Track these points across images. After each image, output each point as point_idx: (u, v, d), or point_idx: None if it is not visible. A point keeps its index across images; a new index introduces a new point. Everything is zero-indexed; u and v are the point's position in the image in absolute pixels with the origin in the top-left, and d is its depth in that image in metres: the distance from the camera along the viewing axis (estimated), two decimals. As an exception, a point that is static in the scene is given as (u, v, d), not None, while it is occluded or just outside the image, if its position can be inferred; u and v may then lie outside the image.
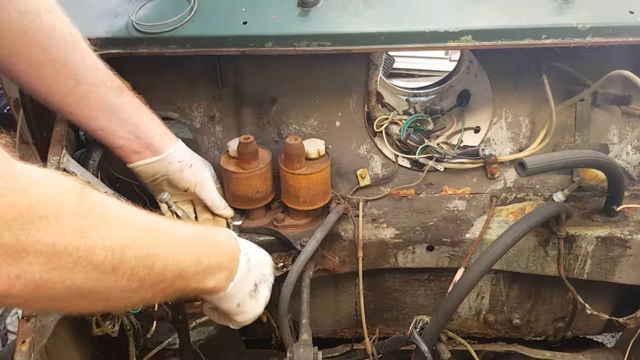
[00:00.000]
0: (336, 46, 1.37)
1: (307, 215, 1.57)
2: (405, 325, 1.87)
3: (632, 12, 1.36)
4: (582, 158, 1.35)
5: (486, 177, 1.64)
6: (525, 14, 1.38)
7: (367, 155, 1.65)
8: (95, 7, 1.48)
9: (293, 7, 1.42)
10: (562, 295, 1.79)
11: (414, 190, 1.63)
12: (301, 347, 1.25)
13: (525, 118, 1.64)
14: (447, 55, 4.65)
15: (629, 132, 1.63)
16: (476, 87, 1.75)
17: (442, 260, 1.65)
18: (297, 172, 1.47)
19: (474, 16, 1.38)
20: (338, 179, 1.66)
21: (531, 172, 1.25)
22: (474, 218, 1.61)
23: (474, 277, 1.36)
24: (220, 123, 1.64)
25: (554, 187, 1.64)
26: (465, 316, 1.88)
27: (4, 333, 2.77)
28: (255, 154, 1.49)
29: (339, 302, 1.86)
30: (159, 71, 1.56)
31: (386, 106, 1.79)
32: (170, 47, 1.39)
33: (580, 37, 1.35)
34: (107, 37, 1.39)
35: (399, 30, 1.37)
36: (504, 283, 1.78)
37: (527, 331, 1.92)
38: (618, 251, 1.56)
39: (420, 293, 1.83)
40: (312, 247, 1.44)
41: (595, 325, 1.90)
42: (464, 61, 1.93)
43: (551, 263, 1.60)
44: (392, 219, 1.61)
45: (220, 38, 1.38)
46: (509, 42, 1.36)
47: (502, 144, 1.66)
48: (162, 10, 1.43)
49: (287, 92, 1.62)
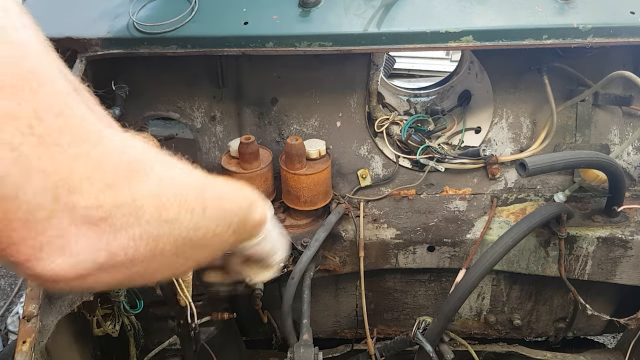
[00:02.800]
0: (337, 46, 1.37)
1: (308, 215, 1.57)
2: (406, 325, 1.88)
3: (633, 12, 1.36)
4: (583, 158, 1.35)
5: (487, 178, 1.64)
6: (526, 14, 1.38)
7: (367, 156, 1.65)
8: (96, 7, 1.48)
9: (294, 7, 1.42)
10: (563, 295, 1.79)
11: (415, 190, 1.63)
12: (302, 347, 1.25)
13: (526, 118, 1.64)
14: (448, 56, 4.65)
15: (630, 132, 1.63)
16: (477, 87, 1.74)
17: (442, 261, 1.65)
18: (298, 173, 1.47)
19: (475, 16, 1.38)
20: (339, 179, 1.66)
21: (532, 172, 1.25)
22: (475, 218, 1.61)
23: (476, 278, 1.36)
24: (221, 123, 1.64)
25: (554, 188, 1.64)
26: (466, 317, 1.88)
27: (4, 333, 2.77)
28: (256, 154, 1.49)
29: (339, 302, 1.86)
30: (160, 71, 1.56)
31: (387, 106, 1.79)
32: (171, 47, 1.39)
33: (581, 37, 1.35)
34: (108, 37, 1.39)
35: (400, 30, 1.37)
36: (505, 283, 1.78)
37: (527, 332, 1.91)
38: (619, 252, 1.56)
39: (420, 293, 1.83)
40: (314, 248, 1.44)
41: (596, 326, 1.89)
42: (464, 62, 1.92)
43: (552, 264, 1.59)
44: (393, 219, 1.61)
45: (221, 38, 1.38)
46: (510, 43, 1.36)
47: (503, 144, 1.65)
48: (163, 10, 1.43)
49: (288, 92, 1.62)
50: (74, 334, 1.40)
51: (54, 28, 1.41)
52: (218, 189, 0.76)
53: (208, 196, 0.69)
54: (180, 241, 0.62)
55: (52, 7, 1.49)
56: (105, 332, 1.48)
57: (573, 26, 1.34)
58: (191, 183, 0.67)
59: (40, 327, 1.20)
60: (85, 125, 0.52)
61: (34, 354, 1.14)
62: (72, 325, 1.39)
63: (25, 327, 1.16)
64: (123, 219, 0.54)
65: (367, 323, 1.61)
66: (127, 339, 1.61)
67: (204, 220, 0.66)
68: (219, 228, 0.71)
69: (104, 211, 0.52)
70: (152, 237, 0.57)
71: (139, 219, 0.55)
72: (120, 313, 1.52)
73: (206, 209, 0.67)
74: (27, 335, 1.14)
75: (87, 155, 0.51)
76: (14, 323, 2.75)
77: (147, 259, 0.58)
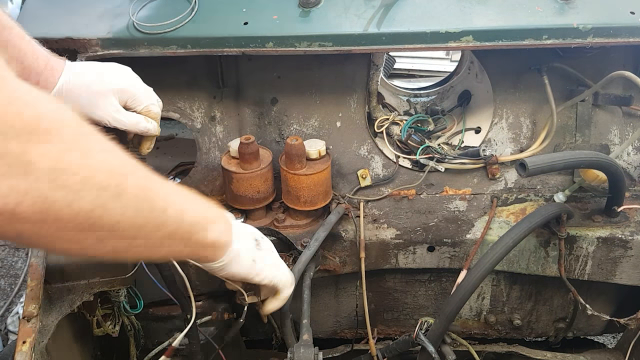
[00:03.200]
0: (337, 46, 1.37)
1: (308, 215, 1.57)
2: (406, 325, 1.88)
3: (633, 12, 1.36)
4: (583, 158, 1.35)
5: (487, 178, 1.64)
6: (526, 14, 1.38)
7: (367, 156, 1.65)
8: (96, 7, 1.48)
9: (294, 7, 1.42)
10: (563, 296, 1.79)
11: (415, 190, 1.63)
12: (302, 348, 1.25)
13: (526, 118, 1.64)
14: (448, 56, 4.65)
15: (630, 132, 1.63)
16: (477, 87, 1.75)
17: (443, 261, 1.65)
18: (298, 173, 1.47)
19: (475, 16, 1.38)
20: (339, 180, 1.66)
21: (532, 172, 1.25)
22: (475, 219, 1.61)
23: (477, 279, 1.36)
24: (221, 123, 1.64)
25: (554, 188, 1.64)
26: (466, 317, 1.88)
27: (4, 333, 2.78)
28: (256, 154, 1.49)
29: (339, 302, 1.86)
30: (160, 71, 1.56)
31: (387, 106, 1.79)
32: (171, 47, 1.39)
33: (581, 37, 1.35)
34: (108, 38, 1.39)
35: (400, 30, 1.37)
36: (505, 284, 1.78)
37: (527, 332, 1.91)
38: (619, 252, 1.56)
39: (421, 293, 1.83)
40: (314, 248, 1.44)
41: (596, 326, 1.89)
42: (464, 62, 1.93)
43: (552, 264, 1.60)
44: (393, 219, 1.61)
45: (221, 38, 1.38)
46: (510, 43, 1.36)
47: (503, 144, 1.65)
48: (163, 10, 1.43)
49: (288, 92, 1.62)
50: (74, 334, 1.40)
51: (54, 28, 1.41)
52: (153, 185, 0.72)
53: (130, 183, 0.67)
54: (82, 216, 0.60)
55: (52, 7, 1.49)
56: (105, 332, 1.49)
57: (573, 26, 1.34)
58: (112, 162, 0.64)
59: (40, 327, 1.20)
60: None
61: (34, 354, 1.14)
62: (72, 325, 1.39)
63: (25, 327, 1.16)
64: (5, 167, 0.52)
65: (369, 323, 1.61)
66: (127, 339, 1.61)
67: (116, 203, 0.64)
68: (139, 220, 0.69)
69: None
70: (41, 197, 0.56)
71: (26, 173, 0.54)
72: (120, 313, 1.52)
73: (122, 194, 0.65)
74: (27, 335, 1.14)
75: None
76: (14, 323, 2.75)
77: (36, 219, 0.57)
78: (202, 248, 0.89)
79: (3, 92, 0.52)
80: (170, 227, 0.76)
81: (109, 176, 0.63)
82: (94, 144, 0.63)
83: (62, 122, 0.58)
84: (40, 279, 1.23)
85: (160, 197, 0.73)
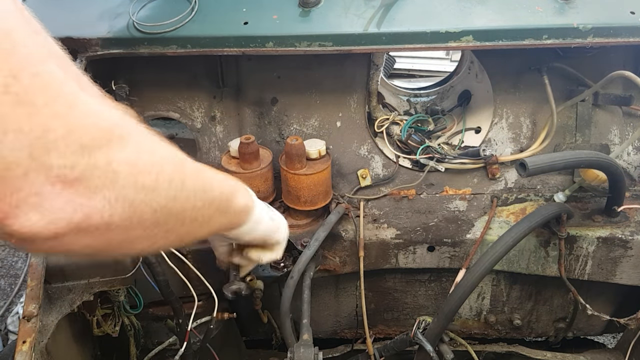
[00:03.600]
0: (337, 46, 1.37)
1: (308, 215, 1.57)
2: (406, 325, 1.88)
3: (633, 12, 1.36)
4: (583, 158, 1.35)
5: (487, 178, 1.64)
6: (526, 14, 1.38)
7: (367, 156, 1.65)
8: (96, 7, 1.48)
9: (294, 7, 1.42)
10: (563, 295, 1.79)
11: (415, 190, 1.63)
12: (302, 347, 1.25)
13: (526, 118, 1.64)
14: (448, 56, 4.65)
15: (630, 132, 1.63)
16: (477, 87, 1.74)
17: (442, 261, 1.65)
18: (298, 173, 1.47)
19: (475, 16, 1.38)
20: (339, 179, 1.66)
21: (532, 172, 1.25)
22: (475, 218, 1.61)
23: (476, 278, 1.36)
24: (221, 123, 1.64)
25: (554, 188, 1.64)
26: (466, 317, 1.88)
27: (4, 333, 2.77)
28: (256, 154, 1.49)
29: (339, 302, 1.86)
30: (160, 71, 1.56)
31: (387, 106, 1.79)
32: (171, 47, 1.39)
33: (581, 37, 1.35)
34: (108, 37, 1.39)
35: (400, 30, 1.37)
36: (505, 283, 1.78)
37: (527, 332, 1.92)
38: (619, 252, 1.56)
39: (420, 293, 1.83)
40: (314, 248, 1.44)
41: (596, 326, 1.89)
42: (464, 62, 1.93)
43: (552, 264, 1.59)
44: (393, 219, 1.61)
45: (221, 38, 1.38)
46: (510, 43, 1.36)
47: (503, 144, 1.65)
48: (163, 10, 1.43)
49: (288, 92, 1.62)
50: (74, 334, 1.40)
51: (54, 28, 1.40)
52: (198, 166, 0.76)
53: (187, 170, 0.70)
54: (159, 210, 0.62)
55: (52, 7, 1.49)
56: (105, 332, 1.49)
57: (573, 26, 1.34)
58: (169, 155, 0.67)
59: (40, 327, 1.20)
60: (62, 87, 0.52)
61: (34, 354, 1.14)
62: (72, 325, 1.39)
63: (25, 327, 1.16)
64: (98, 181, 0.53)
65: (367, 323, 1.61)
66: (127, 339, 1.61)
67: (183, 191, 0.67)
68: (199, 202, 0.72)
69: (79, 171, 0.52)
70: (128, 202, 0.57)
71: (114, 182, 0.55)
72: (120, 313, 1.52)
73: (185, 181, 0.67)
74: (27, 335, 1.14)
75: (63, 116, 0.51)
76: (14, 323, 2.75)
77: (124, 225, 0.58)
78: (237, 215, 0.92)
79: (78, 107, 0.53)
80: (217, 201, 0.80)
81: (173, 169, 0.66)
82: (152, 142, 0.65)
83: (128, 127, 0.60)
84: (40, 278, 1.23)
85: (207, 176, 0.78)
